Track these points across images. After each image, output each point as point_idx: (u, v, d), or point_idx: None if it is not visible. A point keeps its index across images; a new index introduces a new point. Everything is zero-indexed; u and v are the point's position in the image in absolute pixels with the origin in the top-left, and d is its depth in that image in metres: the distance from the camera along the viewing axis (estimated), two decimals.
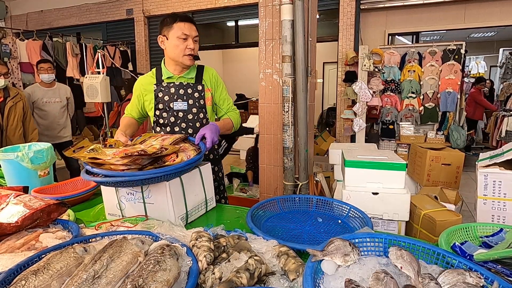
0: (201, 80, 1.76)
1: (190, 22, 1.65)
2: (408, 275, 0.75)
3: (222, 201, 1.96)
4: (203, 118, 1.76)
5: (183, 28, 1.62)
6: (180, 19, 1.63)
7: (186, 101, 1.71)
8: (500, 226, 1.12)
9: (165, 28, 1.66)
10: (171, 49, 1.66)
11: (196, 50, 1.68)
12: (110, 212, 1.40)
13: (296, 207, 1.43)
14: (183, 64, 1.68)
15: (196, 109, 1.73)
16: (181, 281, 0.79)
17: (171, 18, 1.65)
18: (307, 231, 1.24)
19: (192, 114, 1.73)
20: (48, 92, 3.72)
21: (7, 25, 7.74)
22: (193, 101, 1.73)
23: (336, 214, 1.37)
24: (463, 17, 5.54)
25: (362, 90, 4.81)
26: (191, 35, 1.64)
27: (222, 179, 2.00)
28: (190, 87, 1.73)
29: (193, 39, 1.65)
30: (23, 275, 0.76)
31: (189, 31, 1.63)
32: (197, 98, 1.73)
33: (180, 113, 1.73)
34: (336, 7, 5.74)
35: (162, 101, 1.73)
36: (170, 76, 1.73)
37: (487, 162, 1.56)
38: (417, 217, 1.98)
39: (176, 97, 1.71)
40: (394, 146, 5.34)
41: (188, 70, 1.74)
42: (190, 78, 1.75)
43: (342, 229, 1.25)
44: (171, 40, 1.64)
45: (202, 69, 1.79)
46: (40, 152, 1.73)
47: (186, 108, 1.72)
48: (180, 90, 1.72)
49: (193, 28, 1.65)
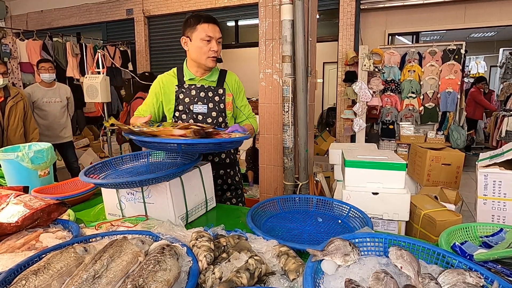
0: (223, 84, 1.74)
1: (214, 23, 1.62)
2: (408, 275, 0.75)
3: (240, 204, 1.93)
4: (222, 122, 1.74)
5: (206, 29, 1.59)
6: (204, 20, 1.60)
7: (206, 104, 1.69)
8: (500, 226, 1.12)
9: (188, 29, 1.63)
10: (194, 51, 1.64)
11: (219, 52, 1.65)
12: (110, 212, 1.40)
13: (296, 207, 1.44)
14: (206, 66, 1.67)
15: (216, 113, 1.71)
16: (181, 281, 0.79)
17: (194, 19, 1.61)
18: (307, 231, 1.24)
19: (211, 118, 1.71)
20: (48, 92, 3.72)
21: (7, 25, 7.74)
22: (213, 104, 1.71)
23: (336, 214, 1.37)
24: (463, 17, 5.54)
25: (362, 90, 4.81)
26: (214, 37, 1.61)
27: (240, 183, 1.96)
28: (211, 90, 1.71)
29: (216, 40, 1.62)
30: (23, 275, 0.76)
31: (212, 32, 1.60)
32: (218, 102, 1.71)
33: (199, 116, 1.71)
34: (336, 7, 5.74)
35: (183, 103, 1.71)
36: (192, 77, 1.71)
37: (487, 162, 1.56)
38: (417, 217, 1.98)
39: (196, 100, 1.70)
40: (394, 146, 5.34)
41: (210, 73, 1.73)
42: (212, 81, 1.73)
43: (342, 229, 1.25)
44: (194, 42, 1.62)
45: (225, 73, 1.78)
46: (40, 152, 1.73)
47: (206, 111, 1.70)
48: (201, 93, 1.70)
49: (216, 29, 1.62)
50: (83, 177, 1.24)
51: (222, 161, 1.82)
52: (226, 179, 1.85)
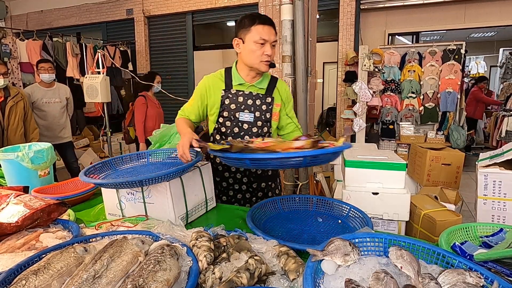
0: (272, 92, 1.64)
1: (270, 24, 1.50)
2: (408, 275, 0.75)
3: None
4: (266, 132, 1.64)
5: (261, 31, 1.47)
6: (259, 21, 1.48)
7: (253, 113, 1.59)
8: (500, 226, 1.12)
9: (242, 30, 1.52)
10: (246, 54, 1.53)
11: (273, 56, 1.54)
12: (110, 212, 1.40)
13: (296, 207, 1.44)
14: (258, 70, 1.55)
15: (261, 123, 1.62)
16: (181, 281, 0.79)
17: (249, 20, 1.49)
18: (307, 231, 1.24)
19: (256, 127, 1.61)
20: (48, 92, 3.72)
21: (7, 25, 7.74)
22: (260, 113, 1.61)
23: (336, 214, 1.37)
24: (463, 17, 5.54)
25: (362, 90, 4.81)
26: (269, 40, 1.48)
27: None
28: (259, 98, 1.61)
29: (271, 44, 1.50)
30: (23, 275, 0.76)
31: (267, 35, 1.48)
32: (264, 111, 1.61)
33: (245, 125, 1.61)
34: (336, 7, 5.74)
35: (228, 109, 1.61)
36: (241, 83, 1.61)
37: (487, 162, 1.56)
38: (417, 217, 1.99)
39: (243, 107, 1.60)
40: (394, 146, 5.34)
41: (260, 79, 1.62)
42: (261, 88, 1.62)
43: (342, 229, 1.26)
44: (247, 45, 1.51)
45: (276, 81, 1.66)
46: (41, 152, 1.73)
47: (252, 120, 1.60)
48: (249, 100, 1.60)
49: (272, 31, 1.50)
50: (83, 177, 1.24)
51: (265, 173, 1.73)
52: (267, 191, 1.76)
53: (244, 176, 1.72)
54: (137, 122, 3.99)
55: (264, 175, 1.73)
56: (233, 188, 1.74)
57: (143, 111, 3.99)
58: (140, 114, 3.98)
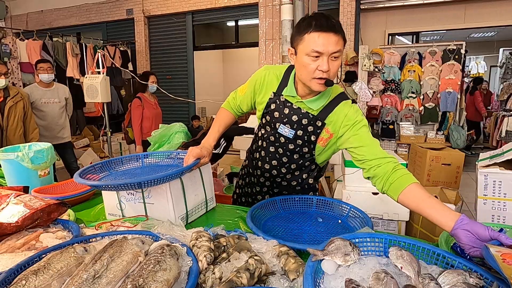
0: (326, 117, 1.33)
1: (329, 31, 1.14)
2: (408, 275, 0.75)
3: None
4: (307, 152, 1.41)
5: (315, 41, 1.14)
6: (315, 27, 1.14)
7: (295, 130, 1.37)
8: (500, 226, 1.12)
9: (296, 37, 1.22)
10: (298, 67, 1.26)
11: (331, 73, 1.19)
12: (110, 212, 1.40)
13: (296, 207, 1.44)
14: (310, 88, 1.27)
15: (302, 142, 1.38)
16: (181, 281, 0.79)
17: (305, 24, 1.18)
18: (307, 231, 1.24)
19: (294, 145, 1.40)
20: (47, 92, 3.72)
21: (7, 25, 7.75)
22: (303, 132, 1.36)
23: (336, 214, 1.37)
24: (463, 17, 5.54)
25: (362, 90, 4.81)
26: (325, 52, 1.15)
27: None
28: (307, 118, 1.34)
29: (329, 56, 1.16)
30: (23, 275, 0.76)
31: (323, 46, 1.14)
32: (310, 132, 1.35)
33: (282, 138, 1.41)
34: (336, 7, 5.75)
35: (271, 115, 1.41)
36: (293, 95, 1.35)
37: (487, 162, 1.56)
38: (417, 217, 1.99)
39: (286, 121, 1.37)
40: (394, 146, 5.34)
41: (315, 97, 1.32)
42: (316, 109, 1.33)
43: (342, 229, 1.26)
44: (299, 56, 1.21)
45: (336, 104, 1.33)
46: (41, 152, 1.73)
47: (291, 137, 1.38)
48: (294, 116, 1.35)
49: (331, 41, 1.14)
50: (78, 179, 1.22)
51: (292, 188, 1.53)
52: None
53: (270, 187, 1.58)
54: (133, 124, 3.98)
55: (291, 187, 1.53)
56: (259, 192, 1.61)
57: (139, 113, 3.98)
58: (136, 116, 3.97)
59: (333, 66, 1.18)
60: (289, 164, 1.47)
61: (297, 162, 1.45)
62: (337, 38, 1.15)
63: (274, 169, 1.49)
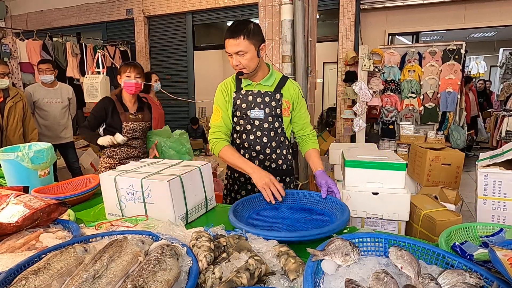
0: (280, 90, 1.71)
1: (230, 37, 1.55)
2: (408, 275, 0.75)
3: None
4: (278, 127, 1.72)
5: (227, 46, 1.57)
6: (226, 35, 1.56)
7: (263, 110, 1.68)
8: (500, 226, 1.12)
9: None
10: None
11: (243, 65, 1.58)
12: (110, 212, 1.40)
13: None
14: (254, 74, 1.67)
15: (272, 118, 1.70)
16: (181, 281, 0.79)
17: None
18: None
19: (267, 123, 1.70)
20: (50, 92, 3.71)
21: (7, 25, 7.74)
22: (270, 109, 1.69)
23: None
24: (463, 17, 5.54)
25: (362, 90, 4.81)
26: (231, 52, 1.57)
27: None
28: (268, 96, 1.69)
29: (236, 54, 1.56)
30: (23, 275, 0.76)
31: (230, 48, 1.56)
32: (274, 107, 1.69)
33: (256, 121, 1.70)
34: (336, 7, 5.75)
35: (240, 109, 1.70)
36: (249, 83, 1.70)
37: (487, 162, 1.56)
38: (417, 217, 1.99)
39: (253, 105, 1.69)
40: (394, 146, 5.34)
41: (266, 77, 1.70)
42: (268, 86, 1.70)
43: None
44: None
45: (285, 80, 1.74)
46: (40, 152, 1.73)
47: (262, 116, 1.68)
48: (258, 98, 1.69)
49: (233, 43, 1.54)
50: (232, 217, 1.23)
51: (279, 167, 1.78)
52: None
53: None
54: None
55: (278, 169, 1.77)
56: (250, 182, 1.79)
57: None
58: None
59: (242, 61, 1.57)
60: (270, 143, 1.71)
61: (275, 138, 1.72)
62: (240, 39, 1.53)
63: (261, 154, 1.72)
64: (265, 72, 1.71)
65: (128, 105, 2.38)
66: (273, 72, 1.73)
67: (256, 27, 1.61)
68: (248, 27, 1.57)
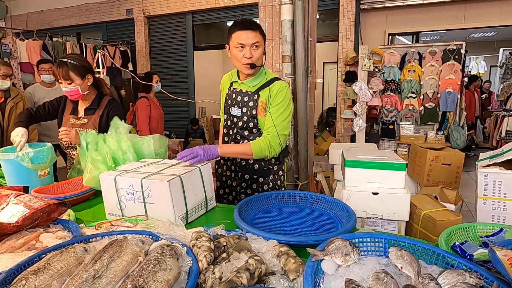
0: (261, 90, 1.70)
1: (247, 29, 1.58)
2: (408, 275, 0.75)
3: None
4: (253, 127, 1.73)
5: (239, 37, 1.58)
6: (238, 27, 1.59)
7: (240, 109, 1.73)
8: (500, 226, 1.12)
9: (228, 37, 1.65)
10: (232, 58, 1.67)
11: (255, 58, 1.61)
12: (110, 212, 1.40)
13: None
14: (242, 72, 1.71)
15: (247, 118, 1.72)
16: (181, 281, 0.79)
17: (231, 27, 1.62)
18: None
19: (242, 122, 1.74)
20: (49, 92, 3.72)
21: (7, 25, 7.74)
22: (247, 109, 1.72)
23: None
24: (463, 17, 5.54)
25: (362, 90, 4.81)
26: (246, 44, 1.58)
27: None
28: (247, 95, 1.72)
29: (251, 47, 1.59)
30: (23, 275, 0.76)
31: (245, 39, 1.58)
32: (251, 107, 1.71)
33: (234, 119, 1.77)
34: (336, 7, 5.75)
35: (226, 104, 1.81)
36: (236, 81, 1.77)
37: (487, 162, 1.56)
38: (417, 217, 1.99)
39: (234, 103, 1.75)
40: (394, 146, 5.34)
41: (251, 78, 1.71)
42: (252, 86, 1.72)
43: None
44: (232, 50, 1.64)
45: (272, 82, 1.70)
46: (41, 152, 1.73)
47: (239, 115, 1.74)
48: (239, 97, 1.74)
49: (250, 35, 1.58)
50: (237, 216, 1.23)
51: (249, 165, 1.78)
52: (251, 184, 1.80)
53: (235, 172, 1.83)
54: (143, 124, 3.96)
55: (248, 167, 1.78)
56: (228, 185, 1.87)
57: (147, 113, 3.96)
58: (144, 116, 3.95)
59: (255, 54, 1.60)
60: (243, 141, 1.74)
61: (248, 138, 1.73)
62: (256, 33, 1.58)
63: None
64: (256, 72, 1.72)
65: (81, 105, 2.07)
66: (263, 73, 1.72)
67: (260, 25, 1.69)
68: (257, 23, 1.63)
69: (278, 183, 1.85)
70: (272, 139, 1.64)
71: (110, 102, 2.08)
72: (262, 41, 1.62)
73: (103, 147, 1.65)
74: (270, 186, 1.82)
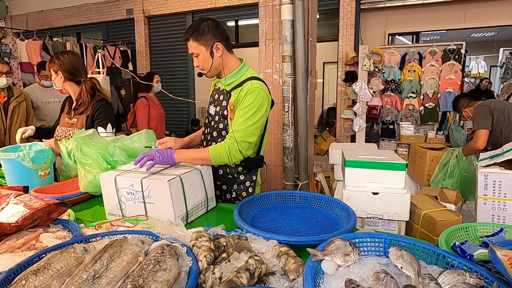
0: (233, 90, 1.59)
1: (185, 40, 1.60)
2: (408, 275, 0.75)
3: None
4: (223, 129, 1.63)
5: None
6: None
7: (215, 107, 1.68)
8: (500, 226, 1.12)
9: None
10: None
11: (201, 67, 1.59)
12: (110, 212, 1.40)
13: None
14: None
15: (219, 118, 1.65)
16: (181, 281, 0.79)
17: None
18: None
19: (214, 122, 1.68)
20: (47, 92, 3.71)
21: (7, 25, 7.74)
22: (220, 108, 1.64)
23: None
24: (463, 17, 5.54)
25: (362, 90, 4.81)
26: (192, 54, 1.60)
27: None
28: (223, 94, 1.64)
29: (194, 56, 1.59)
30: (23, 275, 0.76)
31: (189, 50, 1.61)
32: (224, 107, 1.62)
33: (210, 117, 1.73)
34: (336, 7, 5.74)
35: (209, 102, 1.78)
36: (217, 79, 1.72)
37: (487, 162, 1.56)
38: (417, 217, 1.98)
39: (212, 100, 1.72)
40: (394, 146, 5.34)
41: (229, 75, 1.59)
42: (228, 85, 1.61)
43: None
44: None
45: (244, 83, 1.56)
46: (41, 152, 1.73)
47: (213, 113, 1.69)
48: (216, 94, 1.70)
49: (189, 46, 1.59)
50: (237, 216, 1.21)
51: (214, 169, 1.63)
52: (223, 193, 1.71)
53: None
54: (141, 124, 3.97)
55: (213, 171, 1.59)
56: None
57: (146, 113, 3.96)
58: (143, 116, 3.95)
59: (199, 63, 1.58)
60: (211, 142, 1.67)
61: (216, 139, 1.65)
62: (192, 42, 1.56)
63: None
64: (231, 70, 1.59)
65: (74, 104, 2.09)
66: (241, 71, 1.60)
67: (208, 26, 1.53)
68: (198, 27, 1.53)
69: (243, 195, 1.68)
70: (232, 145, 1.50)
71: (97, 102, 2.04)
72: (200, 46, 1.53)
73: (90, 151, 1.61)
74: (233, 196, 1.68)
